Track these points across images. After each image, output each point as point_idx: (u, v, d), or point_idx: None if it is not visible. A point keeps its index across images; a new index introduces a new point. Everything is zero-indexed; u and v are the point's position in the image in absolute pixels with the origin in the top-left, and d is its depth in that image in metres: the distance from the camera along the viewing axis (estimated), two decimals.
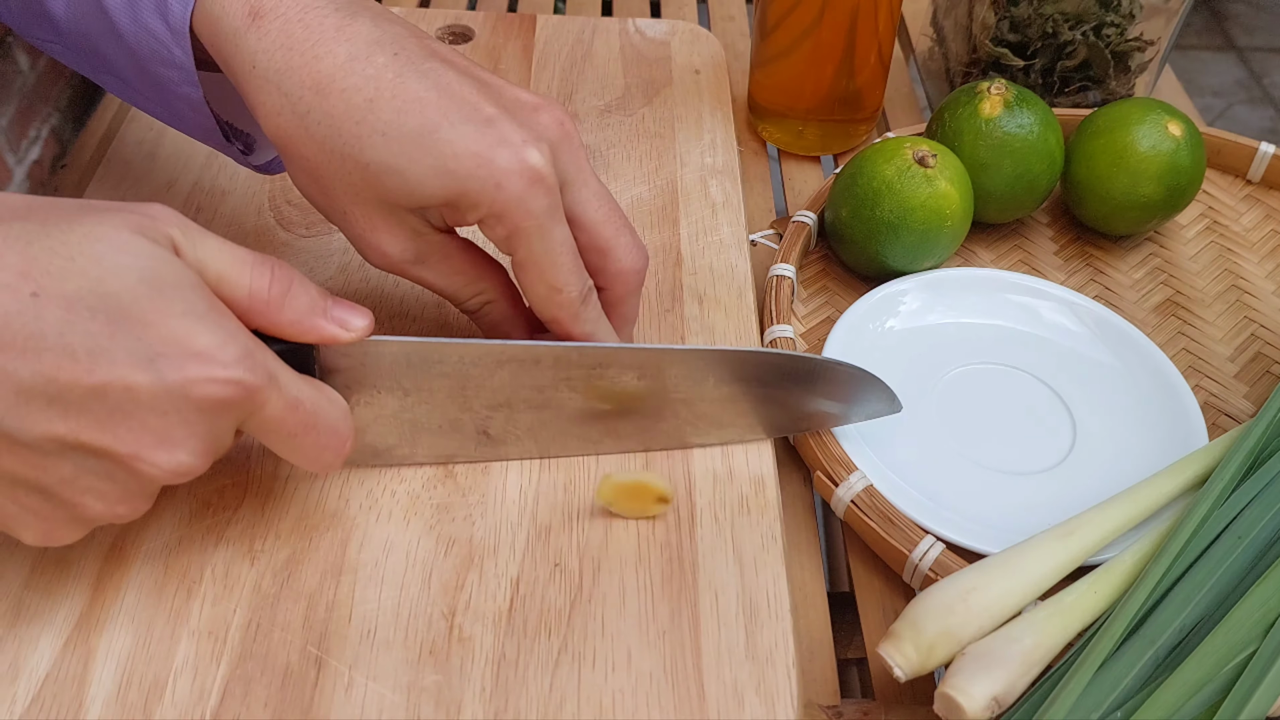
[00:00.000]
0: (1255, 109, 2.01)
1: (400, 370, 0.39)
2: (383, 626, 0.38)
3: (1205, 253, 0.59)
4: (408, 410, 0.41)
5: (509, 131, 0.38)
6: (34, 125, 0.69)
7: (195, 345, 0.32)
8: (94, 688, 0.36)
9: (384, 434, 0.41)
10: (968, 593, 0.37)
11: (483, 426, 0.42)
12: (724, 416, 0.43)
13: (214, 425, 0.33)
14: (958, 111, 0.55)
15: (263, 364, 0.34)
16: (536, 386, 0.41)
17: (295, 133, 0.38)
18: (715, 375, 0.42)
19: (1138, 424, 0.48)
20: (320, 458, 0.37)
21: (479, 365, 0.40)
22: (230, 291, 0.35)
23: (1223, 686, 0.35)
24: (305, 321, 0.36)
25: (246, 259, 0.35)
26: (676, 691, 0.37)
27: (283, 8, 0.37)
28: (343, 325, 0.37)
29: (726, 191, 0.57)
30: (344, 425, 0.37)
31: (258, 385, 0.33)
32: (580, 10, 0.78)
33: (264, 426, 0.35)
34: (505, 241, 0.39)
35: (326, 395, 0.37)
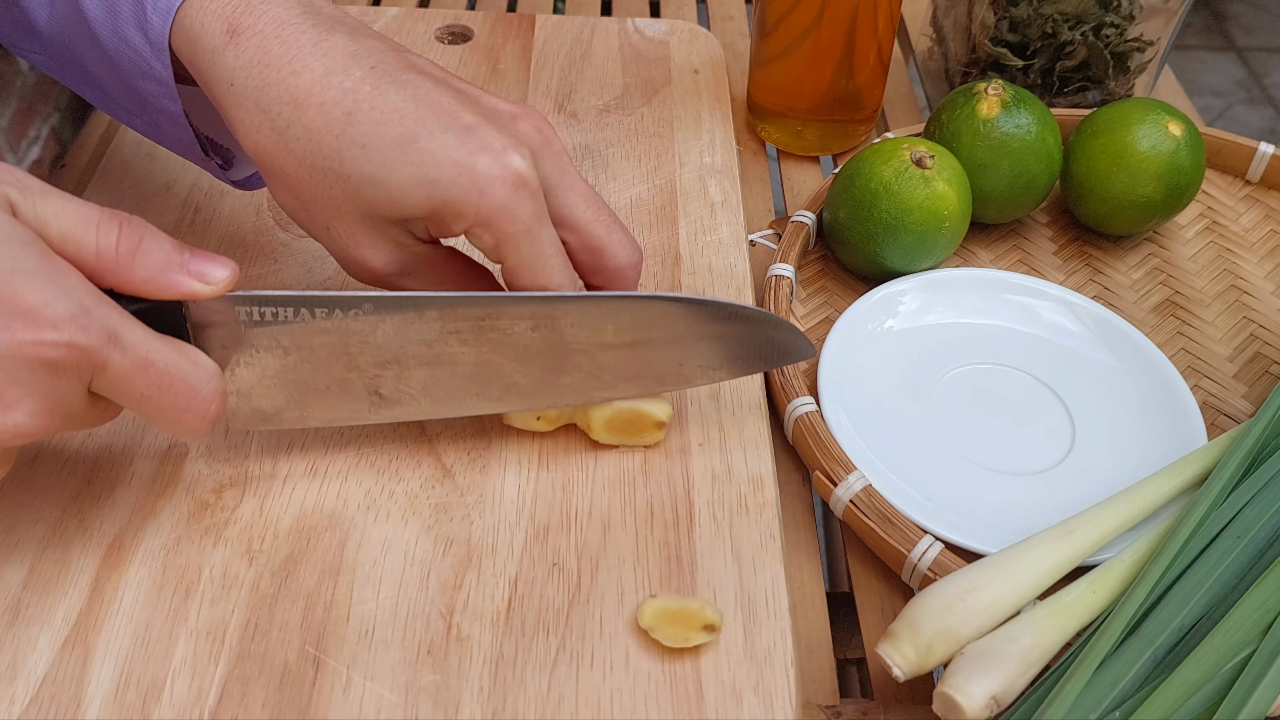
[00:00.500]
0: (1255, 109, 2.01)
1: (277, 328, 0.38)
2: (381, 626, 0.38)
3: (1204, 253, 0.59)
4: (291, 370, 0.39)
5: (489, 138, 0.37)
6: (34, 125, 0.69)
7: (23, 304, 0.31)
8: (92, 687, 0.36)
9: (270, 396, 0.40)
10: (966, 592, 0.37)
11: (373, 386, 0.40)
12: (629, 368, 0.41)
13: (50, 386, 0.32)
14: (955, 112, 0.55)
15: (100, 322, 0.32)
16: (424, 341, 0.39)
17: (274, 148, 0.37)
18: (614, 323, 0.40)
19: (1137, 424, 0.48)
20: (181, 420, 0.35)
21: (358, 319, 0.38)
22: (76, 250, 0.33)
23: (1222, 686, 0.35)
24: (160, 278, 0.35)
25: (92, 216, 0.34)
26: (675, 691, 0.37)
27: (260, 25, 0.37)
28: (201, 279, 0.35)
29: (725, 191, 0.57)
30: (207, 387, 0.35)
31: (92, 345, 0.32)
32: (579, 10, 0.78)
33: (112, 388, 0.34)
34: (494, 250, 0.38)
35: (188, 356, 0.35)
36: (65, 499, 0.41)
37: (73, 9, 0.40)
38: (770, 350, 0.43)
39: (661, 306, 0.40)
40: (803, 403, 0.46)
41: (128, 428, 0.44)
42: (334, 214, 0.38)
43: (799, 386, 0.47)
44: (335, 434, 0.44)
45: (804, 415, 0.46)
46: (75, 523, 0.41)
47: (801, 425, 0.46)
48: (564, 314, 0.39)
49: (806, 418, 0.46)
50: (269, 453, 0.43)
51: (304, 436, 0.44)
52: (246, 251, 0.52)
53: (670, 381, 0.42)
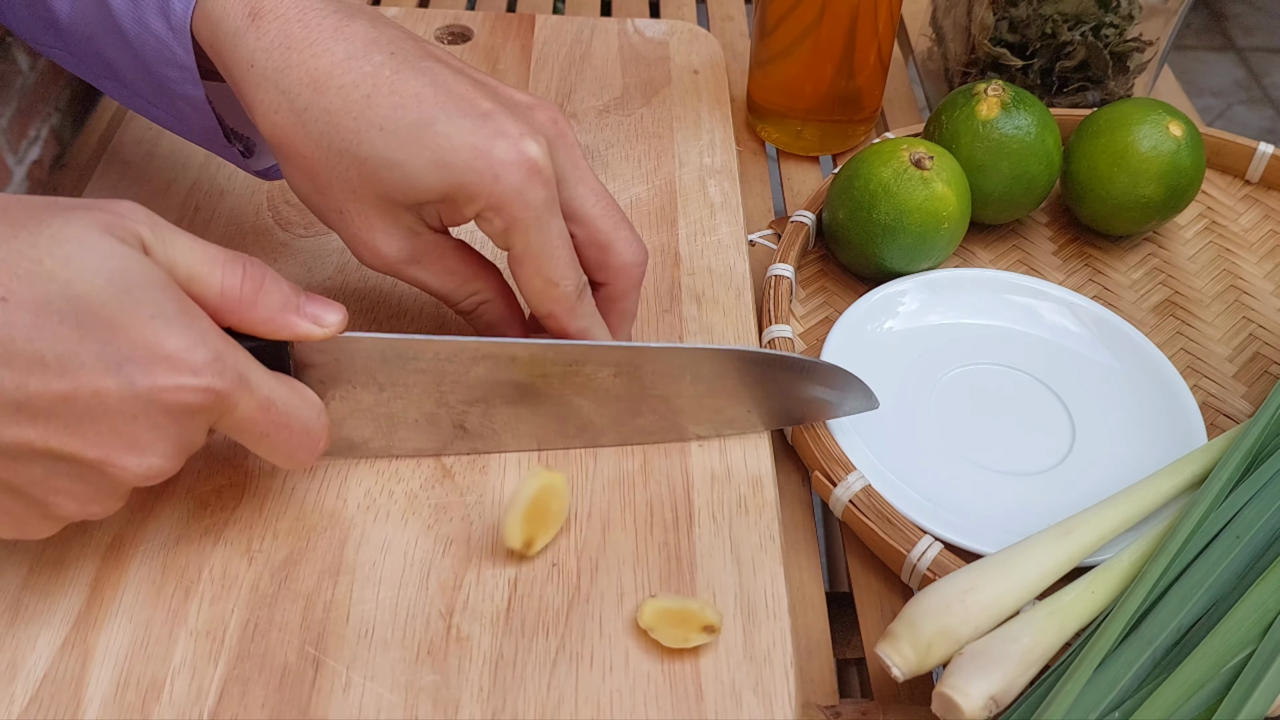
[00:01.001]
0: (1254, 109, 2.01)
1: (375, 366, 0.39)
2: (380, 626, 0.38)
3: (1204, 253, 0.59)
4: (384, 405, 0.41)
5: (506, 124, 0.38)
6: (34, 125, 0.69)
7: (164, 349, 0.32)
8: (92, 687, 0.36)
9: (360, 427, 0.41)
10: (965, 593, 0.37)
11: (459, 421, 0.41)
12: (702, 412, 0.43)
13: (184, 428, 0.33)
14: (955, 113, 0.55)
15: (233, 366, 0.34)
16: (514, 382, 0.41)
17: (292, 130, 0.38)
18: (691, 373, 0.42)
19: (1137, 424, 0.48)
20: (294, 455, 0.37)
21: (454, 361, 0.40)
22: (201, 290, 0.34)
23: (1221, 686, 0.35)
24: (278, 319, 0.36)
25: (218, 257, 0.35)
26: (674, 691, 0.37)
27: (282, 8, 0.38)
28: (316, 321, 0.37)
29: (725, 191, 0.57)
30: (317, 424, 0.37)
31: (227, 390, 0.33)
32: (579, 10, 0.78)
33: (236, 427, 0.35)
34: (503, 235, 0.39)
35: (300, 394, 0.36)
36: None
37: None
38: (838, 402, 0.45)
39: (740, 359, 0.42)
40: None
41: None
42: (348, 197, 0.38)
43: None
44: None
45: None
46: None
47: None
48: (647, 362, 0.41)
49: None
50: None
51: None
52: (246, 250, 0.52)
53: (738, 427, 0.44)
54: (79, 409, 0.31)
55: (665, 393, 0.42)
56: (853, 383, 0.44)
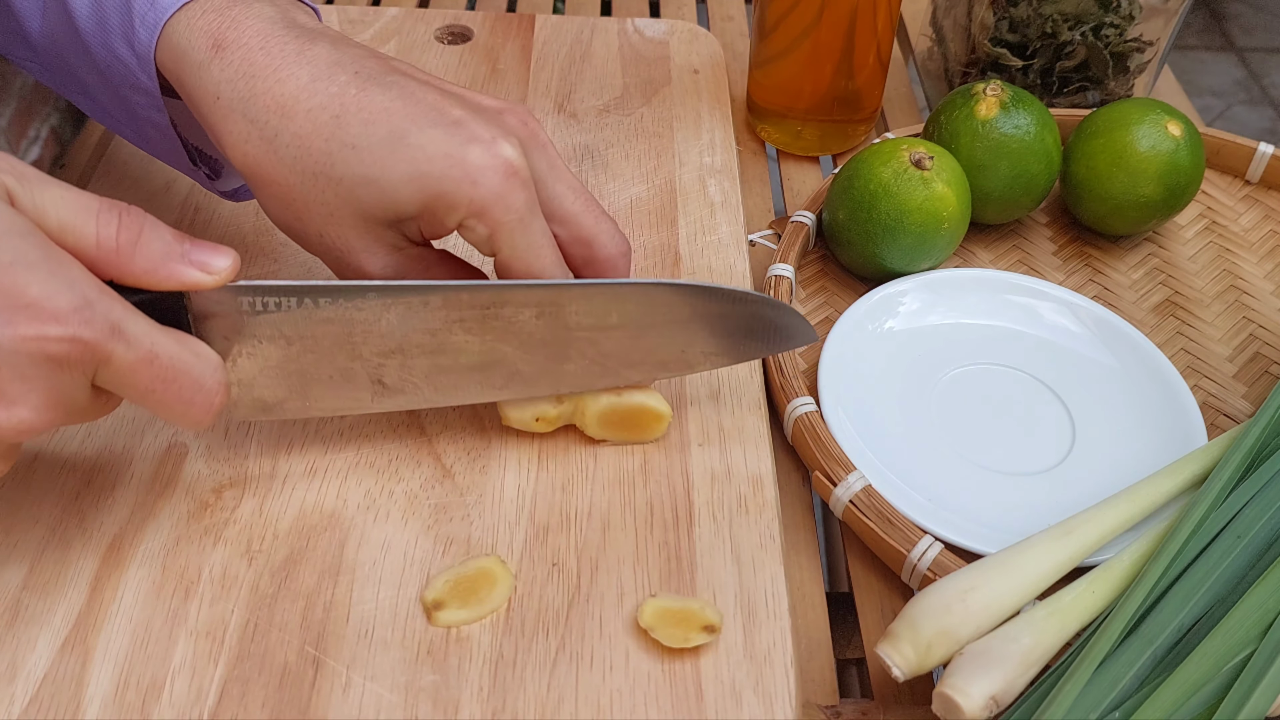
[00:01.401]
0: (1254, 109, 2.01)
1: (278, 317, 0.37)
2: (380, 626, 0.38)
3: (1204, 253, 0.59)
4: (294, 360, 0.39)
5: (478, 130, 0.38)
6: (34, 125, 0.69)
7: (25, 296, 0.31)
8: (91, 688, 0.36)
9: (272, 387, 0.39)
10: (966, 592, 0.37)
11: (376, 375, 0.40)
12: (634, 353, 0.41)
13: (54, 380, 0.32)
14: (954, 113, 0.55)
15: (104, 315, 0.32)
16: (428, 330, 0.39)
17: (264, 158, 0.37)
18: (618, 311, 0.40)
19: (1137, 424, 0.48)
20: (186, 413, 0.35)
21: (363, 309, 0.38)
22: (76, 241, 0.33)
23: (1221, 686, 0.35)
24: (160, 269, 0.34)
25: (91, 205, 0.33)
26: (674, 691, 0.37)
27: (245, 38, 0.38)
28: (203, 268, 0.35)
29: (725, 191, 0.57)
30: (211, 379, 0.35)
31: (95, 340, 0.32)
32: (579, 10, 0.78)
33: (116, 381, 0.33)
34: (487, 241, 0.38)
35: (191, 348, 0.35)
36: (65, 499, 0.41)
37: (64, 18, 0.40)
38: (772, 335, 0.43)
39: (664, 292, 0.40)
40: (802, 403, 0.46)
41: (127, 427, 0.44)
42: (327, 220, 0.38)
43: (798, 387, 0.47)
44: (335, 434, 0.44)
45: (803, 415, 0.46)
46: (75, 523, 0.41)
47: (801, 425, 0.46)
48: (569, 300, 0.39)
49: (806, 418, 0.46)
50: (268, 453, 0.43)
51: (303, 436, 0.44)
52: (246, 251, 0.52)
53: (673, 367, 0.42)
54: None
55: (592, 334, 0.40)
56: (787, 313, 0.42)
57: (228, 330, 0.37)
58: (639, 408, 0.42)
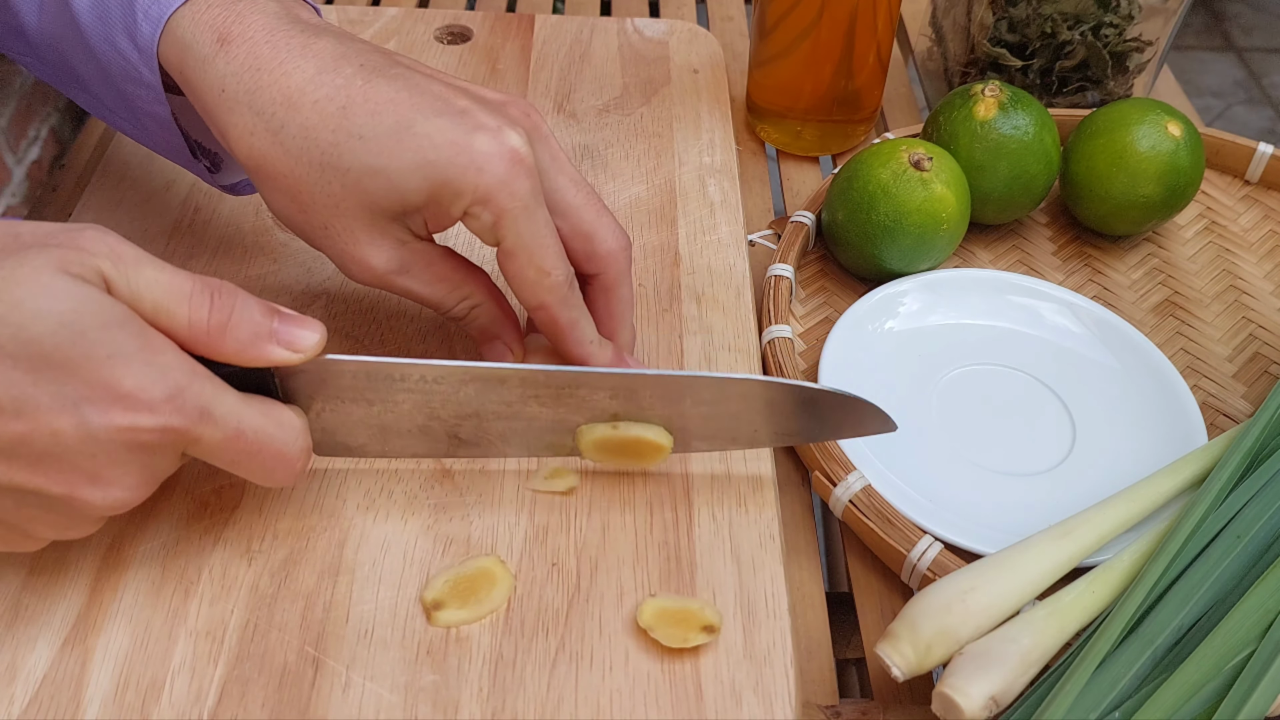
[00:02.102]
0: (1254, 109, 2.01)
1: (361, 385, 0.39)
2: (380, 626, 0.38)
3: (1204, 253, 0.59)
4: (375, 418, 0.40)
5: (483, 119, 0.38)
6: (33, 125, 0.69)
7: (121, 389, 0.32)
8: (91, 688, 0.36)
9: (354, 434, 0.41)
10: (965, 593, 0.37)
11: (453, 432, 0.41)
12: (706, 429, 0.42)
13: (146, 462, 0.34)
14: (952, 114, 0.55)
15: (194, 402, 0.33)
16: (504, 401, 0.40)
17: (270, 150, 0.38)
18: (691, 397, 0.41)
19: (1137, 424, 0.48)
20: (271, 478, 0.37)
21: (442, 383, 0.39)
22: (169, 323, 0.34)
23: (1221, 687, 0.35)
24: (250, 350, 0.35)
25: (184, 288, 0.34)
26: (674, 691, 0.37)
27: (250, 31, 0.38)
28: (291, 346, 0.36)
29: (725, 191, 0.57)
30: (293, 448, 0.36)
31: (186, 427, 0.33)
32: (579, 10, 0.78)
33: (206, 454, 0.35)
34: (492, 229, 0.39)
35: (275, 418, 0.36)
36: None
37: (63, 13, 0.40)
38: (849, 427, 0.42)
39: (740, 385, 0.40)
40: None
41: None
42: (333, 212, 0.38)
43: None
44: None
45: None
46: None
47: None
48: (643, 386, 0.40)
49: None
50: None
51: None
52: (245, 251, 0.52)
53: (745, 443, 0.43)
54: (38, 449, 0.32)
55: (666, 413, 0.41)
56: (866, 408, 0.42)
57: (311, 388, 0.38)
58: (638, 440, 0.41)
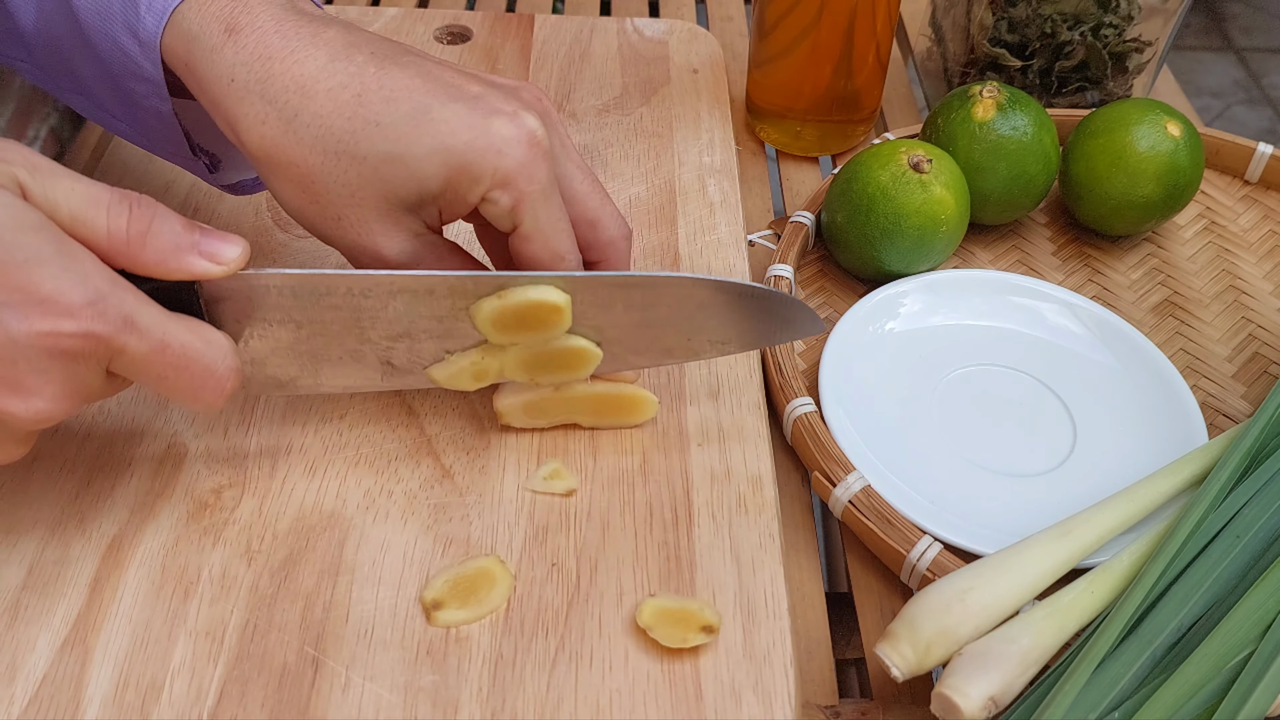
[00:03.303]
0: (1253, 109, 2.01)
1: (288, 302, 0.38)
2: (380, 626, 0.38)
3: (1203, 253, 0.59)
4: (304, 342, 0.39)
5: (499, 103, 0.38)
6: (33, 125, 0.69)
7: (39, 293, 0.32)
8: (91, 688, 0.36)
9: (283, 365, 0.40)
10: (965, 593, 0.37)
11: (385, 357, 0.40)
12: (639, 342, 0.41)
13: (69, 372, 0.33)
14: (951, 115, 0.55)
15: (116, 308, 0.33)
16: (435, 316, 0.39)
17: (282, 139, 0.37)
18: (622, 301, 0.40)
19: (1137, 425, 0.48)
20: (198, 397, 0.36)
21: (370, 296, 0.38)
22: (87, 233, 0.34)
23: (1221, 686, 0.35)
24: (171, 261, 0.35)
25: (102, 197, 0.34)
26: (674, 691, 0.37)
27: (258, 22, 0.38)
28: (213, 258, 0.36)
29: (724, 191, 0.57)
30: (222, 365, 0.36)
31: (108, 333, 0.33)
32: (578, 10, 0.78)
33: (129, 369, 0.34)
34: (510, 213, 0.39)
35: (202, 335, 0.36)
36: (65, 499, 0.41)
37: (62, 10, 0.40)
38: (779, 326, 0.42)
39: (669, 284, 0.40)
40: (801, 403, 0.46)
41: (127, 428, 0.44)
42: (347, 202, 0.38)
43: (798, 387, 0.47)
44: (334, 434, 0.44)
45: (802, 416, 0.46)
46: (75, 523, 0.41)
47: (800, 426, 0.46)
48: (574, 290, 0.39)
49: (805, 418, 0.46)
50: (268, 453, 0.43)
51: (303, 436, 0.44)
52: None
53: (678, 355, 0.42)
54: None
55: (598, 322, 0.40)
56: (796, 306, 0.42)
57: (239, 313, 0.38)
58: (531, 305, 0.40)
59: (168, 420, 0.44)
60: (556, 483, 0.42)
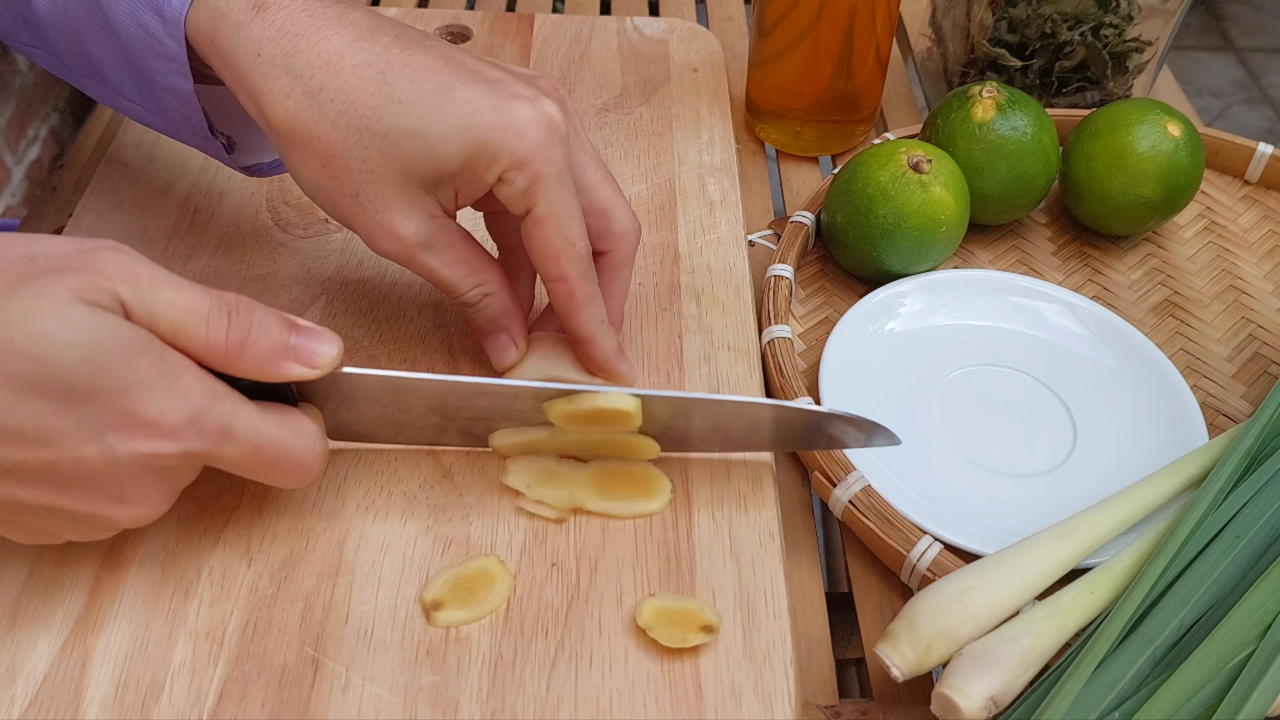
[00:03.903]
0: (1253, 109, 2.01)
1: (377, 393, 0.40)
2: (380, 627, 0.38)
3: (1203, 253, 0.59)
4: (389, 417, 0.41)
5: (519, 88, 0.39)
6: (33, 125, 0.69)
7: (144, 416, 0.33)
8: (91, 689, 0.36)
9: (368, 428, 0.41)
10: (965, 593, 0.37)
11: (467, 430, 0.42)
12: (714, 441, 0.43)
13: (169, 481, 0.35)
14: (951, 116, 0.55)
15: (215, 423, 0.34)
16: (519, 411, 0.41)
17: (306, 113, 0.38)
18: (701, 414, 0.41)
19: (1137, 425, 0.48)
20: (286, 483, 0.38)
21: (456, 394, 0.40)
22: (187, 344, 0.34)
23: (1221, 686, 0.35)
24: (268, 368, 0.36)
25: (201, 308, 0.34)
26: (674, 691, 0.37)
27: (286, 0, 0.38)
28: (309, 363, 0.36)
29: (724, 190, 0.57)
30: (310, 455, 0.37)
31: (207, 449, 0.34)
32: (578, 9, 0.78)
33: (225, 467, 0.36)
34: (525, 195, 0.39)
35: (294, 427, 0.37)
36: None
37: None
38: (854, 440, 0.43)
39: (751, 409, 0.41)
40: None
41: None
42: (367, 178, 0.39)
43: (798, 387, 0.47)
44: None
45: None
46: None
47: None
48: (655, 405, 0.41)
49: None
50: None
51: None
52: (245, 252, 0.52)
53: (753, 450, 0.44)
54: (64, 474, 0.33)
55: (679, 425, 0.42)
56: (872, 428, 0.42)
57: (328, 389, 0.39)
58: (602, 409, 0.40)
59: None
60: (546, 508, 0.42)
